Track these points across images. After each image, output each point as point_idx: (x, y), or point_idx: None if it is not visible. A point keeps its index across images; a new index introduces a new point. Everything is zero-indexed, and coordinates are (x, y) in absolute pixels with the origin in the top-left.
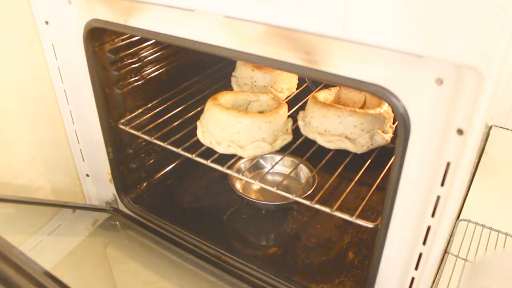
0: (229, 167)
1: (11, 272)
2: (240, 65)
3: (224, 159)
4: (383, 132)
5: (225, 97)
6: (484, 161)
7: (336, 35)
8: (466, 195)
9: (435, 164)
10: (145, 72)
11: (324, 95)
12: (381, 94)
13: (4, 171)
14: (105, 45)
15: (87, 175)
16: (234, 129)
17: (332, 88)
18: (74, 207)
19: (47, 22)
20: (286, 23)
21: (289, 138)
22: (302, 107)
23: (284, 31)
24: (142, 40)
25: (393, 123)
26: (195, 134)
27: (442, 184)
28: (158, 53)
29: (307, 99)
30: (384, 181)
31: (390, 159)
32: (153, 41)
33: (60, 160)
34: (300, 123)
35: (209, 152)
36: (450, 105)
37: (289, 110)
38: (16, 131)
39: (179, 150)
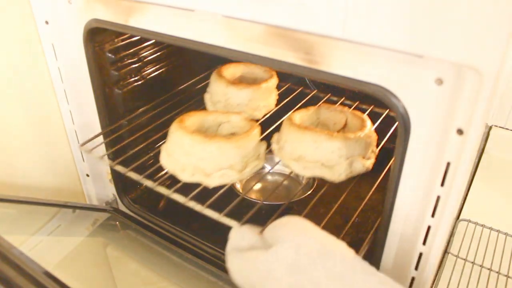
0: None
1: (11, 272)
2: (214, 80)
3: None
4: (363, 158)
5: (192, 118)
6: (484, 161)
7: (336, 35)
8: (466, 195)
9: (435, 164)
10: (145, 72)
11: (301, 115)
12: (381, 94)
13: (4, 171)
14: (105, 45)
15: (87, 175)
16: (199, 156)
17: (311, 107)
18: (74, 207)
19: (47, 22)
20: (286, 23)
21: (260, 164)
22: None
23: (284, 31)
24: (142, 40)
25: (377, 147)
26: None
27: (442, 184)
28: (158, 53)
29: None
30: (384, 181)
31: (390, 160)
32: (153, 41)
33: (60, 160)
34: (274, 146)
35: None
36: (450, 105)
37: (263, 132)
38: (16, 131)
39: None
